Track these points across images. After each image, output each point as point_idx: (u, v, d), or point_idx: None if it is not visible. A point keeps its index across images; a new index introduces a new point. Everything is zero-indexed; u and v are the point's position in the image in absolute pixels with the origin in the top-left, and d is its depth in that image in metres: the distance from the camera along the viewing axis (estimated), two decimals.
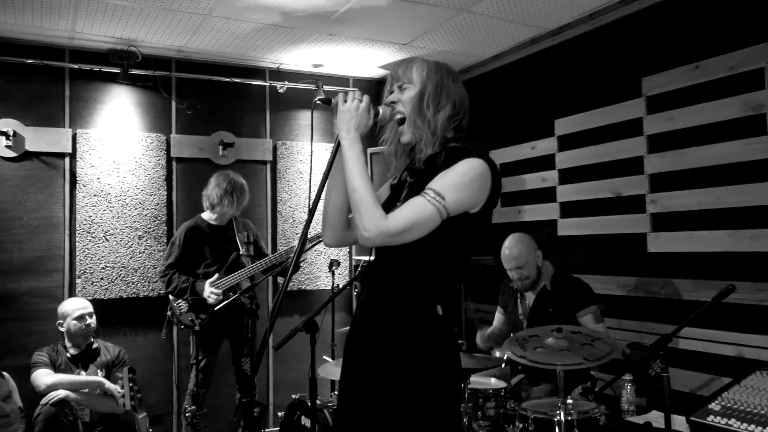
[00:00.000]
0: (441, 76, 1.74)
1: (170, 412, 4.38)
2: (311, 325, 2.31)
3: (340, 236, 1.88)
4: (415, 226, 1.59)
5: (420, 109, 1.72)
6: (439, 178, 1.64)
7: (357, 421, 1.70)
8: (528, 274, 3.26)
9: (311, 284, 4.86)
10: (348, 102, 1.69)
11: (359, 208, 1.61)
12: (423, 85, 1.73)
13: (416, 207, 1.60)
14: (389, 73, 1.81)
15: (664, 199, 3.31)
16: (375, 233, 1.59)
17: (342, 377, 1.80)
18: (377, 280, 1.78)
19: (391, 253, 1.71)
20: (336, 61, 4.66)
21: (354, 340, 1.79)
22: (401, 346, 1.66)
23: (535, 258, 3.29)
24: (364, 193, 1.61)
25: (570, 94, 3.92)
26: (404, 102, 1.75)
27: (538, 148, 4.15)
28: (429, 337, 1.67)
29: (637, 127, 3.44)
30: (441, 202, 1.59)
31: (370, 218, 1.59)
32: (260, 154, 4.78)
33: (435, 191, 1.60)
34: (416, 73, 1.74)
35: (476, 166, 1.65)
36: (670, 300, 3.26)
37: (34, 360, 3.63)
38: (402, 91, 1.76)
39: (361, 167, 1.65)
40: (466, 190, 1.63)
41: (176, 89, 4.53)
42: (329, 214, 1.84)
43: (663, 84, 3.30)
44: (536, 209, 4.15)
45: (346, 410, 1.75)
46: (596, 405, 2.62)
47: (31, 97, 4.13)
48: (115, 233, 4.29)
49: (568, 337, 2.54)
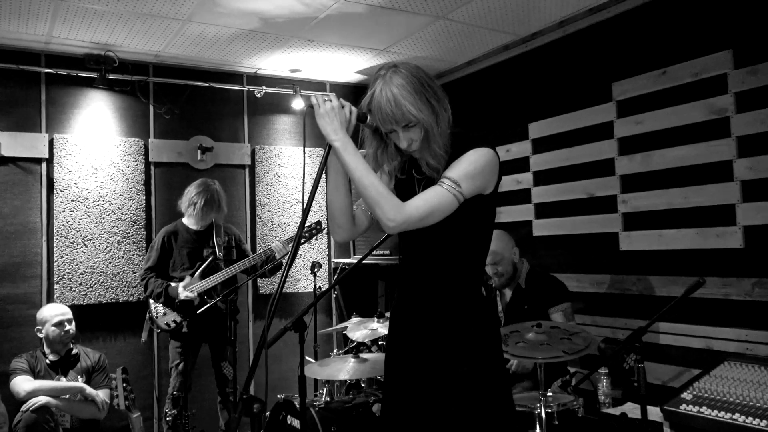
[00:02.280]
0: (429, 97, 1.73)
1: (150, 417, 4.37)
2: (300, 324, 2.37)
3: (348, 232, 1.94)
4: (435, 211, 1.70)
5: (429, 148, 1.76)
6: (454, 167, 1.74)
7: (415, 413, 1.79)
8: (504, 271, 3.35)
9: (291, 287, 4.90)
10: (322, 106, 1.71)
11: (378, 202, 1.68)
12: (423, 121, 1.72)
13: (435, 194, 1.70)
14: (380, 114, 1.73)
15: (634, 199, 3.44)
16: (400, 221, 1.68)
17: (389, 371, 1.88)
18: (413, 274, 1.87)
19: (421, 244, 1.80)
20: (314, 66, 4.71)
21: (400, 334, 1.88)
22: (455, 333, 1.76)
23: (512, 255, 3.38)
24: (378, 187, 1.69)
25: (543, 98, 4.04)
26: (415, 139, 1.76)
27: (512, 151, 4.26)
28: (480, 320, 1.79)
29: (608, 130, 3.58)
30: (457, 189, 1.70)
31: (392, 209, 1.68)
32: (238, 159, 4.80)
33: (451, 179, 1.71)
34: (412, 109, 1.70)
35: (485, 154, 1.76)
36: (642, 296, 3.39)
37: (12, 367, 3.59)
38: (408, 129, 1.74)
39: (364, 164, 1.71)
40: (479, 177, 1.74)
41: (154, 94, 4.53)
42: (336, 215, 1.89)
43: (632, 89, 3.44)
44: (512, 210, 4.26)
45: (398, 403, 1.83)
46: (575, 398, 2.72)
47: (6, 101, 4.09)
48: (94, 238, 4.27)
49: (547, 332, 2.65)
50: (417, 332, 1.83)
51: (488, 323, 1.82)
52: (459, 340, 1.77)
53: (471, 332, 1.78)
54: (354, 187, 1.78)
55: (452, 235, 1.80)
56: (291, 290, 4.89)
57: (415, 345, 1.83)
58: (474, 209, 1.78)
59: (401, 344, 1.87)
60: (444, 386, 1.76)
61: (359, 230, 1.96)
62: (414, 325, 1.84)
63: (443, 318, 1.79)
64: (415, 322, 1.84)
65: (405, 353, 1.85)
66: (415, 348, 1.83)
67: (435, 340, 1.79)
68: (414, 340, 1.83)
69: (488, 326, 1.81)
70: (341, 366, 3.23)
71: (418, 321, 1.83)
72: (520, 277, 3.40)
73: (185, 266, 3.95)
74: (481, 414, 1.74)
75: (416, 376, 1.81)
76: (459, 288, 1.81)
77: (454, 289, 1.80)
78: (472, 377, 1.75)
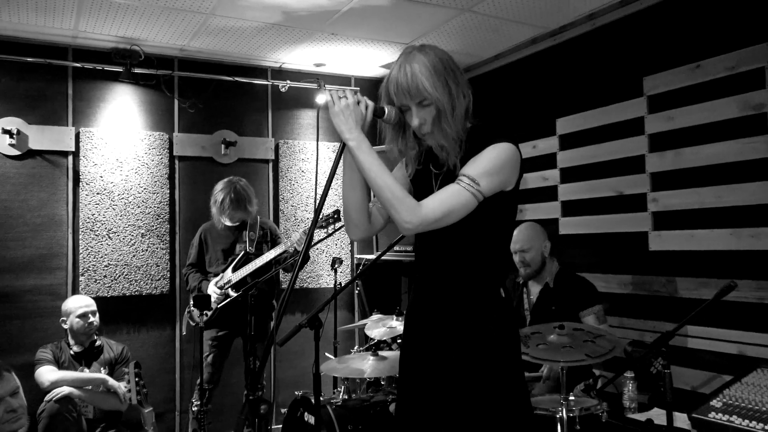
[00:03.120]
0: (447, 79, 1.68)
1: (173, 410, 4.39)
2: (315, 321, 2.33)
3: (364, 230, 1.90)
4: (453, 212, 1.63)
5: (441, 128, 1.69)
6: (472, 163, 1.67)
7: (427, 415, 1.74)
8: (530, 260, 3.27)
9: (313, 282, 4.87)
10: (337, 103, 1.67)
11: (393, 205, 1.63)
12: (436, 99, 1.67)
13: (453, 194, 1.64)
14: (395, 87, 1.70)
15: (665, 197, 3.33)
16: (416, 223, 1.63)
17: (404, 371, 1.83)
18: (430, 272, 1.80)
19: (438, 241, 1.73)
20: (338, 60, 4.67)
21: (415, 334, 1.82)
22: (473, 336, 1.70)
23: (542, 247, 3.29)
24: (393, 188, 1.64)
25: (571, 93, 3.94)
26: (428, 120, 1.71)
27: (539, 147, 4.16)
28: (496, 323, 1.72)
29: (639, 126, 3.46)
30: (476, 188, 1.63)
31: (407, 210, 1.62)
32: (262, 153, 4.80)
33: (469, 177, 1.64)
34: (428, 86, 1.65)
35: (506, 150, 1.68)
36: (672, 298, 3.28)
37: (37, 357, 3.64)
38: (423, 107, 1.70)
39: (378, 164, 1.66)
40: (498, 174, 1.66)
41: (179, 88, 4.55)
42: (351, 213, 1.85)
43: (664, 83, 3.32)
44: (538, 208, 4.17)
45: (412, 403, 1.78)
46: (598, 402, 2.63)
47: (34, 95, 4.14)
48: (118, 231, 4.30)
49: (570, 334, 2.56)
50: (430, 333, 1.77)
51: (505, 326, 1.74)
52: (473, 343, 1.71)
53: (486, 336, 1.71)
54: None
55: (470, 234, 1.73)
56: (313, 285, 4.87)
57: (429, 346, 1.77)
58: (494, 207, 1.71)
59: (415, 345, 1.82)
60: (456, 389, 1.71)
61: (375, 228, 1.91)
62: (427, 325, 1.78)
63: (457, 319, 1.73)
64: (429, 322, 1.78)
65: (418, 354, 1.80)
66: (428, 349, 1.77)
67: (448, 342, 1.73)
68: (427, 341, 1.78)
69: (505, 329, 1.74)
70: (360, 364, 3.19)
71: (431, 322, 1.77)
72: (549, 275, 3.31)
73: (220, 262, 4.02)
74: (493, 420, 1.67)
75: (429, 378, 1.76)
76: (475, 289, 1.74)
77: (471, 289, 1.74)
78: (485, 381, 1.68)
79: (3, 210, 4.03)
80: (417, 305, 1.84)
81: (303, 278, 4.84)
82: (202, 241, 4.09)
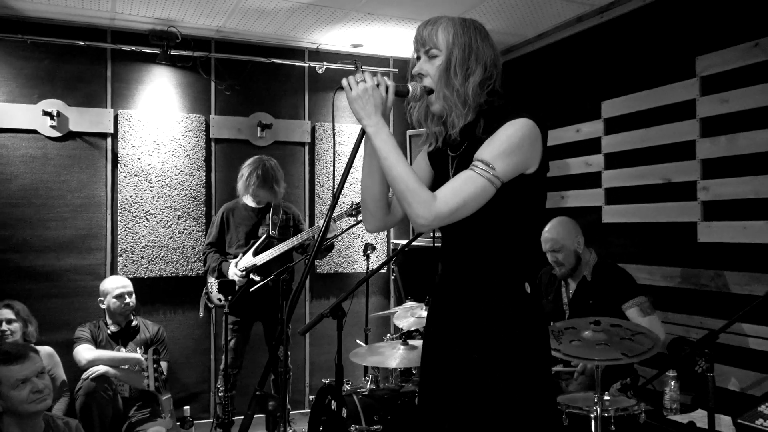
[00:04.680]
0: (469, 38, 1.62)
1: (207, 390, 4.44)
2: (338, 311, 2.26)
3: (380, 222, 1.81)
4: (468, 201, 1.52)
5: (447, 79, 1.61)
6: (486, 145, 1.56)
7: (448, 411, 1.65)
8: (564, 260, 3.13)
9: (348, 267, 4.83)
10: (354, 88, 1.59)
11: (406, 197, 1.54)
12: (449, 51, 1.61)
13: (466, 181, 1.52)
14: (414, 37, 1.69)
15: (716, 186, 3.12)
16: (430, 218, 1.52)
17: (425, 367, 1.75)
18: (452, 262, 1.70)
19: (460, 230, 1.63)
20: (375, 40, 4.57)
21: (436, 329, 1.73)
22: (492, 333, 1.59)
23: (575, 244, 3.14)
24: (407, 180, 1.54)
25: (618, 74, 3.73)
26: (431, 73, 1.65)
27: (583, 131, 3.98)
28: (521, 319, 1.60)
29: (690, 109, 3.25)
30: (491, 172, 1.51)
31: (420, 204, 1.52)
32: (298, 136, 4.75)
33: (483, 161, 1.52)
34: (442, 36, 1.62)
35: (522, 126, 1.55)
36: (720, 293, 3.09)
37: (76, 335, 3.72)
38: (430, 58, 1.65)
39: (396, 152, 1.57)
40: (515, 154, 1.54)
41: (215, 70, 4.53)
42: (368, 201, 1.77)
43: (718, 63, 3.10)
44: (580, 195, 3.99)
45: (430, 395, 1.70)
46: (636, 402, 2.50)
47: (73, 77, 4.18)
48: (155, 213, 4.33)
49: (606, 330, 2.42)
50: (449, 325, 1.67)
51: (527, 322, 1.61)
52: (490, 338, 1.59)
53: (504, 331, 1.59)
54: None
55: (490, 224, 1.61)
56: (348, 270, 4.82)
57: (447, 339, 1.67)
58: (515, 193, 1.58)
59: (434, 337, 1.73)
60: (470, 384, 1.60)
61: (394, 219, 1.81)
62: (446, 317, 1.69)
63: (475, 312, 1.62)
64: (448, 314, 1.68)
65: (437, 347, 1.71)
66: (446, 342, 1.68)
67: (465, 335, 1.63)
68: (445, 333, 1.68)
69: (527, 325, 1.61)
70: (390, 353, 3.13)
71: (450, 313, 1.68)
72: (586, 268, 3.16)
73: (241, 243, 3.97)
74: (503, 415, 1.56)
75: (445, 371, 1.66)
76: (496, 281, 1.62)
77: (491, 282, 1.62)
78: (500, 377, 1.57)
79: (45, 191, 4.11)
80: (438, 296, 1.75)
81: (338, 263, 4.80)
82: (223, 221, 4.04)
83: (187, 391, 4.37)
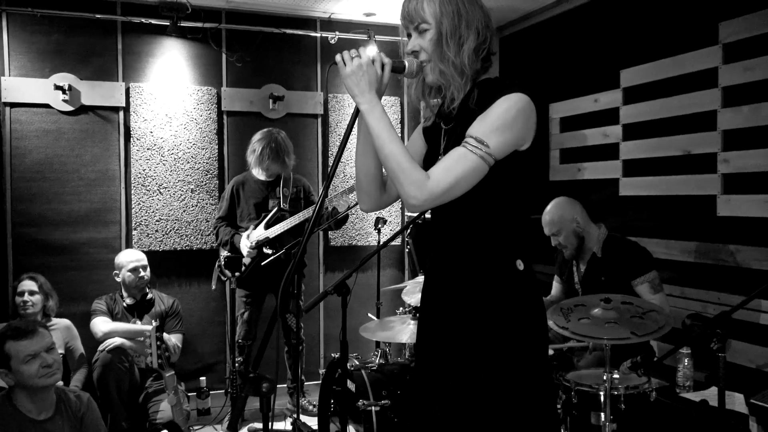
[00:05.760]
0: (456, 5, 1.56)
1: (223, 361, 4.49)
2: (342, 288, 2.25)
3: (375, 201, 1.78)
4: (461, 180, 1.48)
5: (441, 52, 1.56)
6: (479, 121, 1.51)
7: (438, 394, 1.62)
8: (565, 242, 3.06)
9: (362, 240, 4.81)
10: (348, 64, 1.54)
11: (398, 177, 1.50)
12: (438, 22, 1.55)
13: (458, 159, 1.48)
14: (401, 14, 1.64)
15: (738, 158, 3.01)
16: (422, 199, 1.48)
17: (419, 348, 1.73)
18: (443, 240, 1.66)
19: (450, 208, 1.58)
20: (388, 9, 4.47)
21: (428, 308, 1.70)
22: (482, 311, 1.56)
23: (572, 224, 3.05)
24: (399, 159, 1.50)
25: (637, 41, 3.59)
26: (424, 47, 1.59)
27: (601, 101, 3.86)
28: (512, 297, 1.56)
29: (712, 78, 3.12)
30: (484, 149, 1.47)
31: (412, 184, 1.48)
32: (311, 108, 4.69)
33: (476, 138, 1.48)
34: (428, 8, 1.56)
35: (517, 102, 1.50)
36: (739, 268, 3.00)
37: (93, 308, 3.78)
38: (420, 33, 1.59)
39: (388, 131, 1.53)
40: (509, 130, 1.50)
41: (226, 41, 4.47)
42: (362, 181, 1.74)
43: (743, 30, 2.96)
44: (597, 167, 3.90)
45: (425, 381, 1.67)
46: (647, 380, 2.45)
47: (84, 51, 4.17)
48: (169, 186, 4.34)
49: (617, 308, 2.37)
50: (443, 305, 1.63)
51: (519, 300, 1.56)
52: (483, 318, 1.55)
53: (497, 311, 1.54)
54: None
55: (482, 200, 1.55)
56: (362, 243, 4.80)
57: (441, 319, 1.64)
58: (508, 169, 1.53)
59: (429, 317, 1.70)
60: (459, 364, 1.57)
61: (389, 199, 1.77)
62: (440, 297, 1.65)
63: (468, 292, 1.58)
64: (442, 294, 1.64)
65: (431, 327, 1.68)
66: (440, 322, 1.64)
67: (459, 316, 1.59)
68: (440, 313, 1.64)
69: (519, 304, 1.56)
70: (400, 327, 3.12)
71: (444, 293, 1.64)
72: (596, 244, 3.08)
73: (252, 216, 3.98)
74: (500, 398, 1.53)
75: (440, 352, 1.63)
76: (487, 259, 1.57)
77: (482, 260, 1.57)
78: (494, 358, 1.53)
79: (59, 165, 4.13)
80: (431, 275, 1.71)
81: (352, 236, 4.78)
82: (233, 195, 4.04)
83: (203, 362, 4.43)
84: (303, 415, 4.03)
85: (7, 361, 2.34)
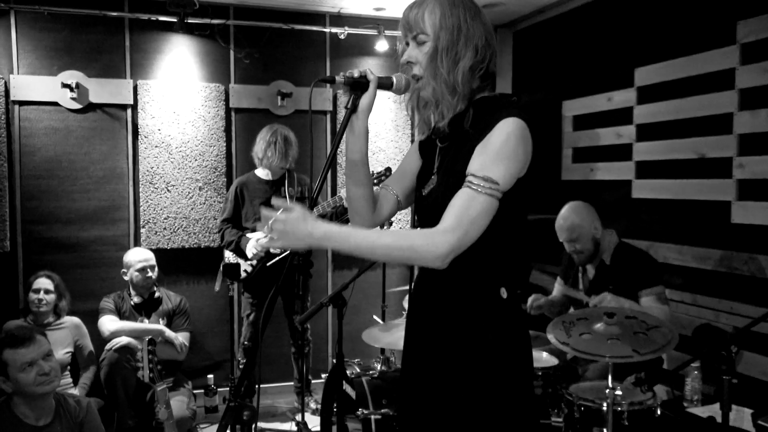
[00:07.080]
0: (457, 18, 1.49)
1: (230, 359, 4.49)
2: (338, 300, 2.20)
3: (368, 221, 1.71)
4: (475, 222, 1.41)
5: (435, 67, 1.50)
6: (479, 155, 1.45)
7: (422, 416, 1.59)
8: (582, 248, 2.98)
9: None
10: (276, 225, 1.40)
11: (410, 257, 1.44)
12: (436, 36, 1.49)
13: (469, 203, 1.42)
14: (401, 21, 1.57)
15: (754, 163, 2.91)
16: (443, 253, 1.39)
17: (403, 373, 1.69)
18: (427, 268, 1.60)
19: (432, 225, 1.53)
20: (398, 3, 4.37)
21: (413, 332, 1.66)
22: (463, 338, 1.51)
23: (592, 230, 2.98)
24: (393, 247, 1.40)
25: (653, 39, 3.48)
26: (419, 60, 1.53)
27: (614, 100, 3.76)
28: (494, 325, 1.52)
29: (729, 79, 3.02)
30: (493, 187, 1.41)
31: (429, 252, 1.39)
32: (320, 104, 4.64)
33: (483, 178, 1.42)
34: (429, 19, 1.49)
35: (515, 129, 1.45)
36: (754, 278, 2.91)
37: (101, 306, 3.79)
38: (418, 44, 1.53)
39: (358, 242, 1.40)
40: (513, 161, 1.45)
41: (234, 37, 4.42)
42: (352, 201, 1.69)
43: (762, 29, 2.85)
44: (609, 167, 3.80)
45: (410, 404, 1.65)
46: (652, 395, 2.39)
47: (92, 48, 4.15)
48: (177, 184, 4.33)
49: (620, 323, 2.30)
50: (426, 332, 1.59)
51: (501, 330, 1.51)
52: (465, 347, 1.51)
53: (478, 340, 1.50)
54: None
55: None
56: None
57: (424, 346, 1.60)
58: (509, 198, 1.47)
59: (413, 343, 1.65)
60: (446, 392, 1.54)
61: (383, 215, 1.72)
62: (424, 324, 1.61)
63: (450, 320, 1.53)
64: (425, 321, 1.60)
65: (415, 352, 1.64)
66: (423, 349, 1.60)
67: (441, 343, 1.55)
68: (423, 340, 1.60)
69: (500, 333, 1.51)
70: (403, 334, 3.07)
71: (427, 320, 1.60)
72: (606, 251, 3.00)
73: (257, 217, 3.94)
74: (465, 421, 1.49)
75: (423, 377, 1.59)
76: (470, 287, 1.52)
77: (465, 288, 1.52)
78: (474, 384, 1.50)
79: (68, 162, 4.14)
80: (414, 302, 1.67)
81: None
82: (237, 196, 4.01)
83: (210, 360, 4.44)
84: (308, 414, 4.02)
85: (5, 369, 2.35)
